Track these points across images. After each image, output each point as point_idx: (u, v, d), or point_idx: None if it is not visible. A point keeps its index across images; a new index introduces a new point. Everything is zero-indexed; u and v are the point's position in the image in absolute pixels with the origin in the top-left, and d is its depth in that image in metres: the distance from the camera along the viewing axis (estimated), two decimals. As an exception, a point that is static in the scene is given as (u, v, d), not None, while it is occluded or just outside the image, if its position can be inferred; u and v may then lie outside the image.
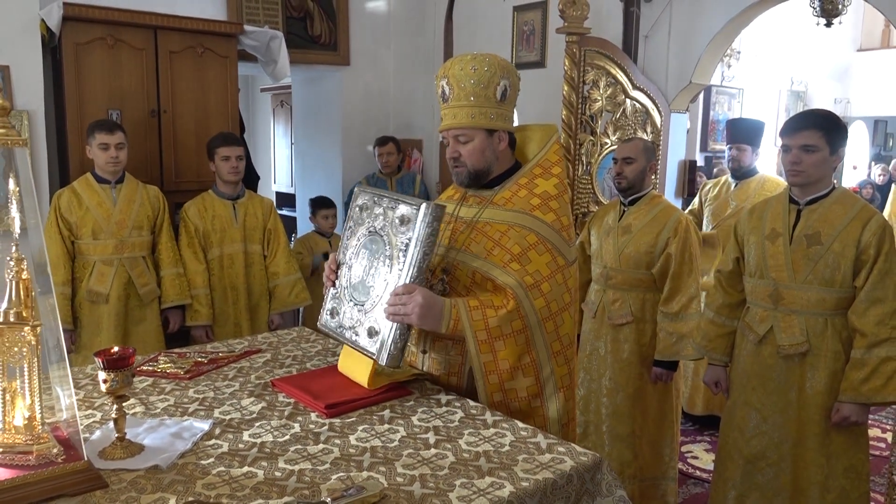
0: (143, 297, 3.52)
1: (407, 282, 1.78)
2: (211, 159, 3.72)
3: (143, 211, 3.52)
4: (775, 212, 2.52)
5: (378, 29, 5.37)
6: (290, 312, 4.10)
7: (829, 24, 4.22)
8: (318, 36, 5.09)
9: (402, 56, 5.40)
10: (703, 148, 7.52)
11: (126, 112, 3.93)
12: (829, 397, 2.38)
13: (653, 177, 3.30)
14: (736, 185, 4.10)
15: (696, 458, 4.03)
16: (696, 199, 4.51)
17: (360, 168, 5.42)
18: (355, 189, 2.07)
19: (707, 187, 4.35)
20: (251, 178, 4.70)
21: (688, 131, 3.83)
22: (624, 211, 3.19)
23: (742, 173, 4.05)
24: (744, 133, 3.99)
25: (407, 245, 1.79)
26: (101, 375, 1.52)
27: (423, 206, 1.76)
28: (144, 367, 2.11)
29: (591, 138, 3.45)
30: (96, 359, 1.52)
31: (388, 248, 1.85)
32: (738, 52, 7.52)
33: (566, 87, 3.34)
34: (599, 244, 3.22)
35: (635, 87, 3.50)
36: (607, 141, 3.47)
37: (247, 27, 4.27)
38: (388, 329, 1.81)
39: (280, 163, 7.75)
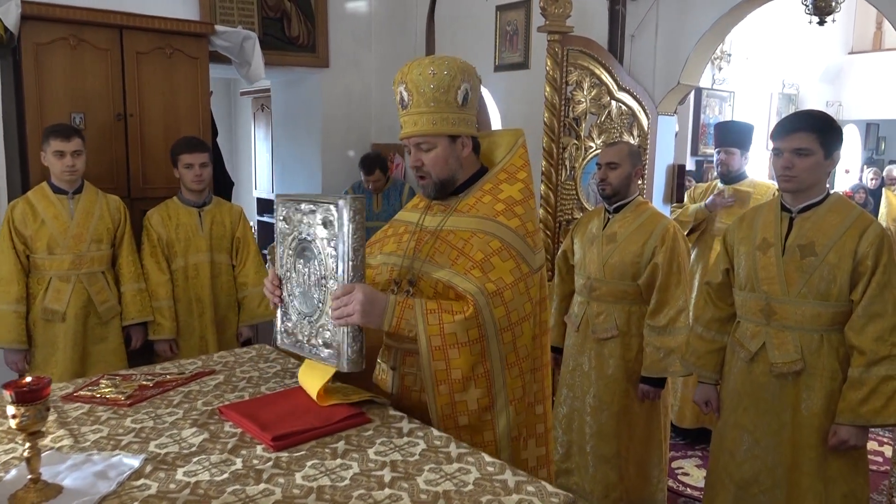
0: (102, 314, 3.33)
1: (345, 282, 1.69)
2: (175, 166, 3.54)
3: (103, 223, 3.34)
4: (766, 220, 2.37)
5: (359, 30, 5.21)
6: (262, 325, 3.92)
7: (821, 23, 4.08)
8: (296, 37, 4.92)
9: (384, 57, 5.25)
10: (694, 152, 7.40)
11: (90, 116, 3.75)
12: (825, 419, 2.23)
13: (639, 182, 3.16)
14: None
15: (686, 474, 3.87)
16: (688, 199, 4.36)
17: (341, 173, 5.26)
18: (275, 200, 1.96)
19: (698, 192, 4.20)
20: (225, 185, 4.53)
21: (676, 135, 3.68)
22: (609, 218, 3.04)
23: (731, 178, 3.93)
24: (732, 136, 3.86)
25: (336, 246, 1.72)
26: (10, 410, 1.34)
27: (341, 203, 1.68)
28: (82, 392, 1.94)
29: (575, 142, 3.30)
30: (4, 391, 1.34)
31: (319, 253, 1.78)
32: (729, 55, 7.40)
33: (548, 89, 3.18)
34: (583, 253, 3.07)
35: (621, 89, 3.35)
36: (592, 144, 3.32)
37: (218, 27, 4.10)
38: (340, 335, 1.73)
39: (261, 168, 7.58)
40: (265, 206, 7.41)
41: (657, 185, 3.57)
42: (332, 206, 1.71)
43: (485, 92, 4.49)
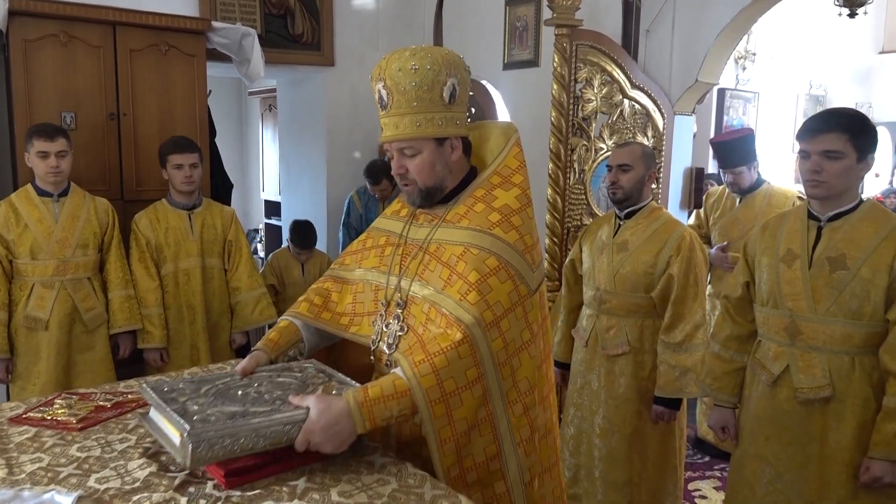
0: (88, 322, 3.18)
1: None
2: (163, 167, 3.40)
3: (89, 227, 3.19)
4: (792, 229, 2.14)
5: (365, 27, 5.04)
6: (256, 332, 3.76)
7: (852, 15, 3.82)
8: (300, 35, 4.76)
9: (391, 57, 5.07)
10: (717, 155, 7.13)
11: (82, 115, 3.61)
12: (856, 452, 1.99)
13: (653, 186, 2.94)
14: (741, 201, 3.81)
15: (704, 497, 3.63)
16: (699, 214, 4.14)
17: (346, 175, 5.09)
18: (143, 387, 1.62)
19: (711, 200, 3.99)
20: (224, 187, 4.38)
21: (694, 136, 3.45)
22: (619, 225, 2.82)
23: (745, 191, 3.76)
24: (734, 156, 3.65)
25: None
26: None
27: (186, 438, 1.36)
28: (32, 414, 1.77)
29: (585, 143, 3.09)
30: None
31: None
32: (754, 54, 7.12)
33: (555, 87, 2.97)
34: (592, 263, 2.85)
35: (634, 87, 3.13)
36: (603, 146, 3.11)
37: (216, 23, 3.95)
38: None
39: (269, 170, 7.44)
40: (273, 208, 7.27)
41: (673, 189, 3.35)
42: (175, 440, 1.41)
43: (493, 91, 4.30)
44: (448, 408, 1.48)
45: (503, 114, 4.26)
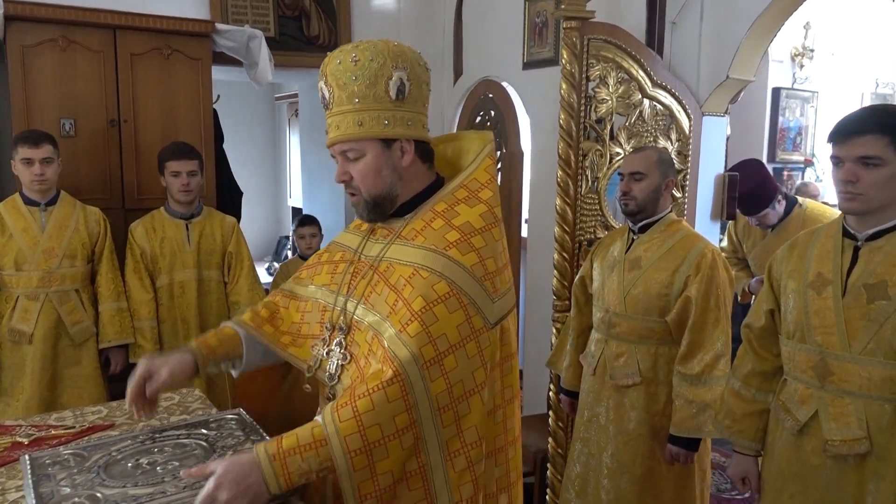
0: (74, 336, 3.06)
1: None
2: (161, 173, 3.26)
3: (78, 237, 3.07)
4: (823, 249, 1.80)
5: (385, 27, 4.83)
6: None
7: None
8: (316, 36, 4.59)
9: (413, 58, 4.85)
10: (772, 158, 6.64)
11: (81, 121, 3.52)
12: (900, 522, 1.65)
13: (675, 195, 2.62)
14: (773, 228, 3.59)
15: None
16: (732, 236, 3.81)
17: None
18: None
19: (740, 224, 3.68)
20: (232, 195, 4.24)
21: (728, 138, 3.10)
22: (633, 240, 2.51)
23: (777, 223, 3.58)
24: (754, 204, 3.45)
25: None
26: None
27: None
28: (-61, 451, 1.61)
29: (599, 147, 2.78)
30: None
31: None
32: (812, 50, 6.62)
33: (564, 86, 2.69)
34: (602, 281, 2.55)
35: (656, 85, 2.81)
36: (619, 151, 2.80)
37: (220, 26, 3.81)
38: None
39: (296, 177, 7.33)
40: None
41: (702, 198, 3.00)
42: None
43: (512, 92, 4.02)
44: (370, 459, 1.24)
45: (523, 117, 3.98)
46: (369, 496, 1.25)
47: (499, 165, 4.16)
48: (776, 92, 6.82)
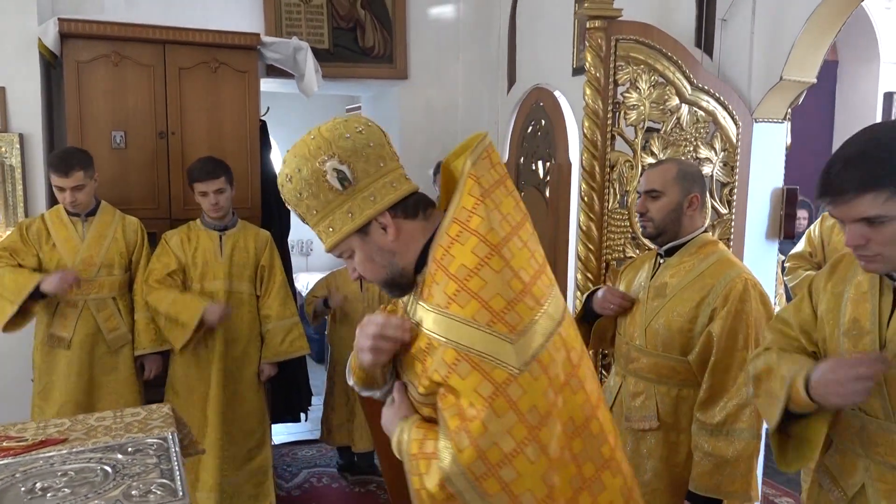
0: (111, 343, 3.15)
1: None
2: (191, 190, 3.30)
3: (116, 247, 3.16)
4: (859, 290, 1.49)
5: (443, 38, 4.74)
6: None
7: None
8: (371, 48, 4.56)
9: (470, 67, 4.72)
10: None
11: (131, 134, 3.64)
12: None
13: (718, 211, 2.32)
14: None
15: None
16: (812, 238, 3.35)
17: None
18: None
19: (829, 222, 3.22)
20: (279, 208, 4.20)
21: (787, 148, 2.74)
22: (660, 264, 2.24)
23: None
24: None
25: None
26: None
27: None
28: None
29: (629, 158, 2.53)
30: None
31: None
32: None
33: (588, 91, 2.46)
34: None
35: (696, 88, 2.52)
36: (653, 161, 2.53)
37: (265, 38, 3.84)
38: None
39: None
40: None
41: (754, 214, 2.65)
42: None
43: (562, 99, 3.80)
44: None
45: (571, 124, 3.75)
46: None
47: (547, 179, 3.94)
48: (888, 97, 6.19)
